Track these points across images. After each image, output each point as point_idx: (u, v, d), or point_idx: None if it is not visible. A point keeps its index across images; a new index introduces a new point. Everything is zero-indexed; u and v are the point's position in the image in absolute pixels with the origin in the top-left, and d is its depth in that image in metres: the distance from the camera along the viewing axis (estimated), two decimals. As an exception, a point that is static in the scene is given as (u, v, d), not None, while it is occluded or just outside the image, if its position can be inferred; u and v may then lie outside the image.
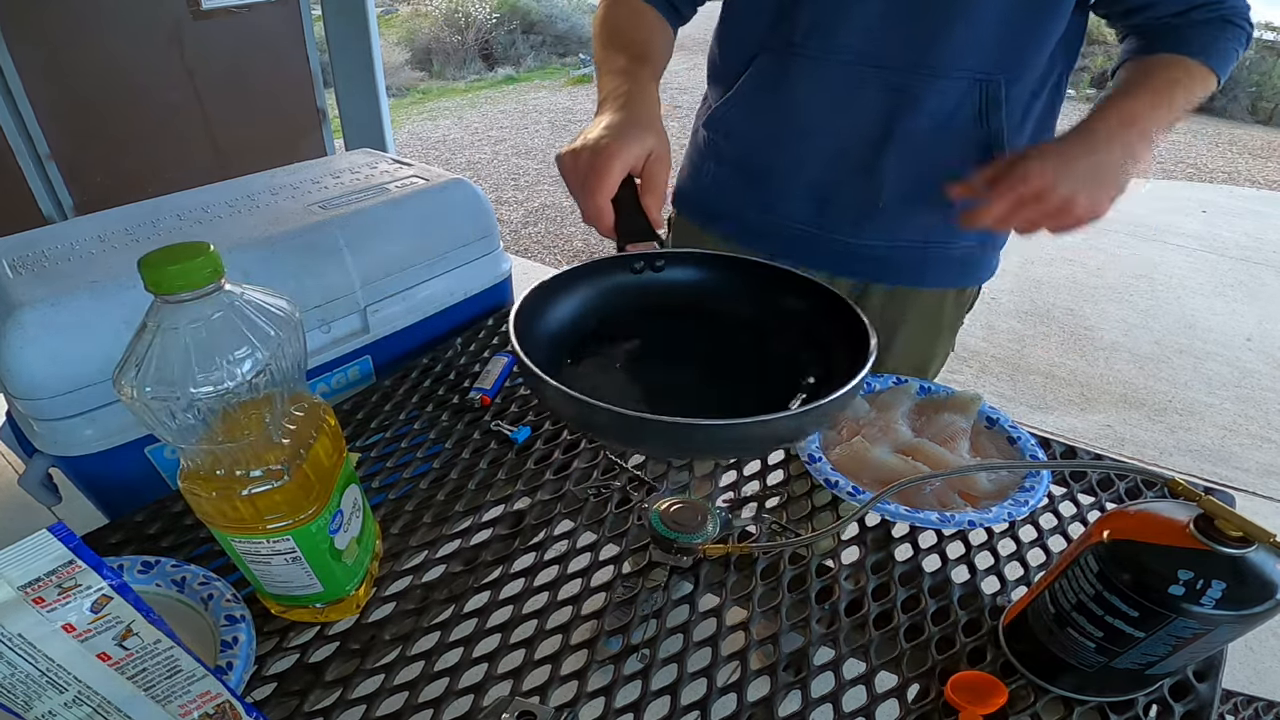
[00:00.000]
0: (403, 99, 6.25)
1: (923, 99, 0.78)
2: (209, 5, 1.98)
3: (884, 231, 0.90)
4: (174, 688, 0.42)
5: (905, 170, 0.84)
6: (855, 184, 0.86)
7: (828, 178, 0.87)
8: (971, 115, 0.79)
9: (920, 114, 0.79)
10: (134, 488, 0.81)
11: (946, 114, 0.79)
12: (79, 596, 0.38)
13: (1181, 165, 5.50)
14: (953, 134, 0.80)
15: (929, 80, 0.77)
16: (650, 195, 0.65)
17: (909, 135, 0.81)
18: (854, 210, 0.89)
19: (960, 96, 0.78)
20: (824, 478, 0.72)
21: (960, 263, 0.94)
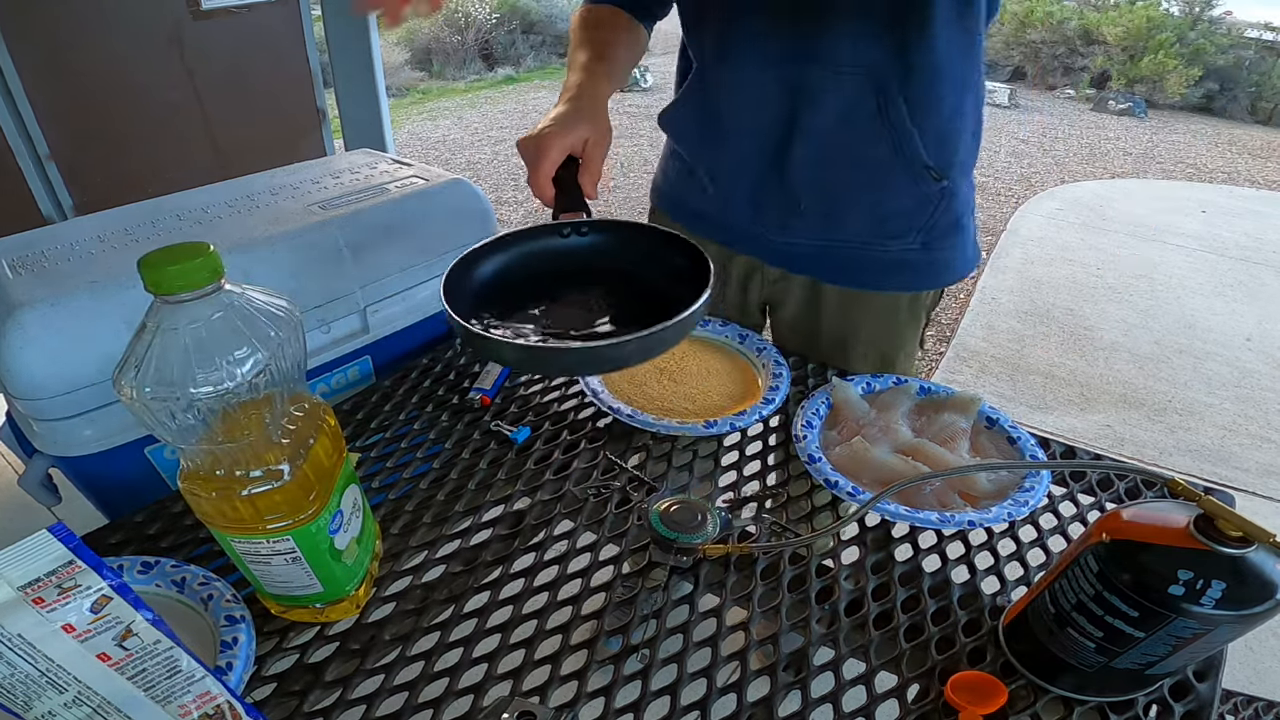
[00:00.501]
0: (403, 99, 6.24)
1: (820, 95, 0.81)
2: (209, 5, 1.98)
3: (811, 231, 0.93)
4: (174, 688, 0.42)
5: (815, 169, 0.86)
6: (775, 184, 0.90)
7: (753, 179, 0.92)
8: (871, 111, 0.80)
9: (820, 111, 0.82)
10: (134, 488, 0.81)
11: (845, 110, 0.81)
12: (79, 597, 0.38)
13: (1181, 165, 5.50)
14: (856, 131, 0.82)
15: (822, 76, 0.80)
16: (585, 174, 0.76)
17: (813, 133, 0.83)
18: (779, 210, 0.92)
19: (855, 92, 0.80)
20: (824, 478, 0.72)
21: (901, 266, 0.93)
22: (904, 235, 0.90)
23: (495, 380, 0.86)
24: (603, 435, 0.81)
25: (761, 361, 0.90)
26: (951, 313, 3.09)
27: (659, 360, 0.89)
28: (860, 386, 0.85)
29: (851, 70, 0.78)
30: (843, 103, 0.81)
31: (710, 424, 0.78)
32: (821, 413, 0.82)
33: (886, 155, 0.83)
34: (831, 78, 0.79)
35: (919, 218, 0.89)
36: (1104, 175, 5.05)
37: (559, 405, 0.85)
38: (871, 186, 0.87)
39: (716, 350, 0.93)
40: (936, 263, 0.93)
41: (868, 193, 0.87)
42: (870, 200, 0.88)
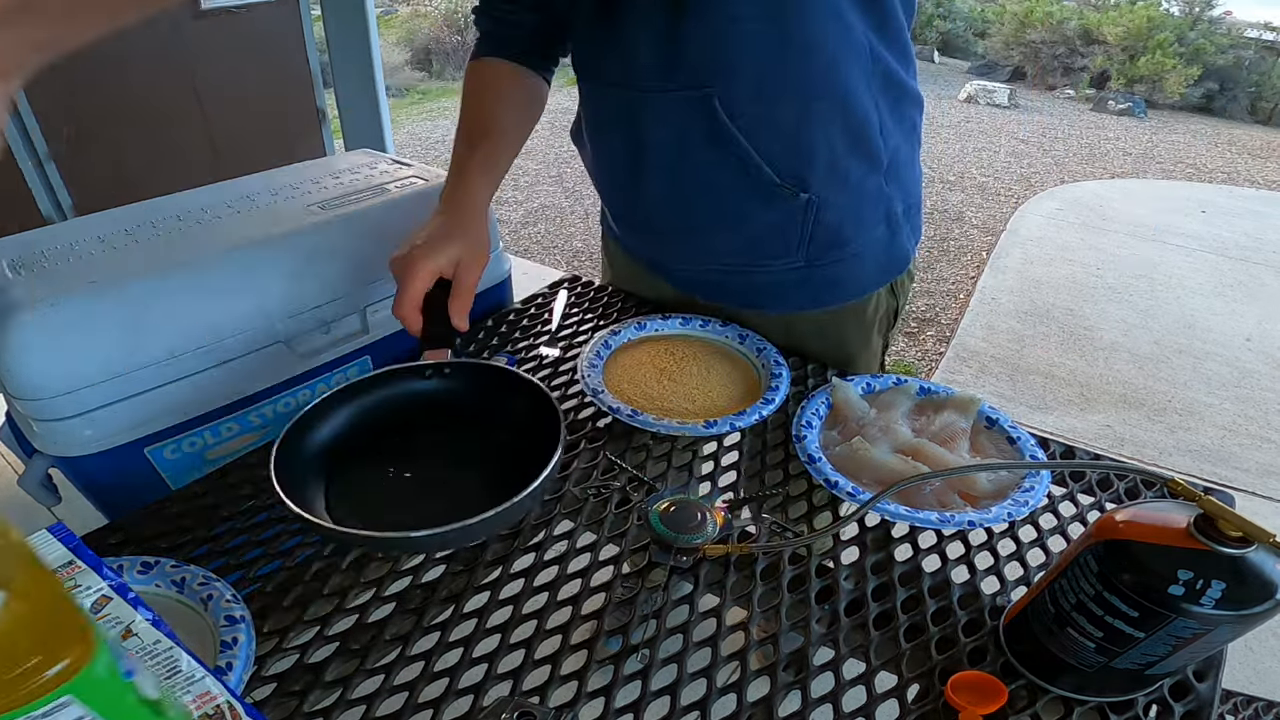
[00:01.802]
0: (402, 99, 6.25)
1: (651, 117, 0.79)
2: (209, 5, 1.98)
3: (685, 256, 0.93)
4: (174, 688, 0.42)
5: (668, 192, 0.85)
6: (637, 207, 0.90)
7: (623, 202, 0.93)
8: (703, 132, 0.77)
9: (655, 132, 0.80)
10: (133, 488, 0.81)
11: (679, 131, 0.78)
12: (79, 597, 0.38)
13: (1181, 165, 5.50)
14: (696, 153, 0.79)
15: (647, 97, 0.78)
16: (455, 301, 0.72)
17: (657, 156, 0.82)
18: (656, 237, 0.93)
19: (683, 115, 0.77)
20: (824, 478, 0.72)
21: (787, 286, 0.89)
22: (784, 255, 0.86)
23: (495, 380, 0.86)
24: (603, 435, 0.81)
25: (761, 361, 0.90)
26: (951, 313, 3.09)
27: (659, 361, 0.89)
28: (860, 386, 0.85)
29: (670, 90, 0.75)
30: (675, 125, 0.78)
31: (710, 424, 0.78)
32: (821, 413, 0.82)
33: (733, 176, 0.79)
34: (659, 98, 0.77)
35: (791, 234, 0.84)
36: (1104, 175, 5.05)
37: (559, 405, 0.85)
38: (728, 208, 0.83)
39: (716, 350, 0.93)
40: (830, 279, 0.88)
41: (727, 214, 0.84)
42: (732, 221, 0.84)
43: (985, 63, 8.28)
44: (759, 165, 0.78)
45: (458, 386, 0.72)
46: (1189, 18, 7.52)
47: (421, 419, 0.70)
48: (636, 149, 0.83)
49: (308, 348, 0.90)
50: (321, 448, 0.64)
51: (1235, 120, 7.07)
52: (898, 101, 0.80)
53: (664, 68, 0.74)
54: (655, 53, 0.74)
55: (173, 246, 0.84)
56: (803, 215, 0.82)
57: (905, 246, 0.91)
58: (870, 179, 0.82)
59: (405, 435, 0.68)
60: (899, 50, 0.77)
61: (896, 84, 0.79)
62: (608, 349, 0.91)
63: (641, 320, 0.95)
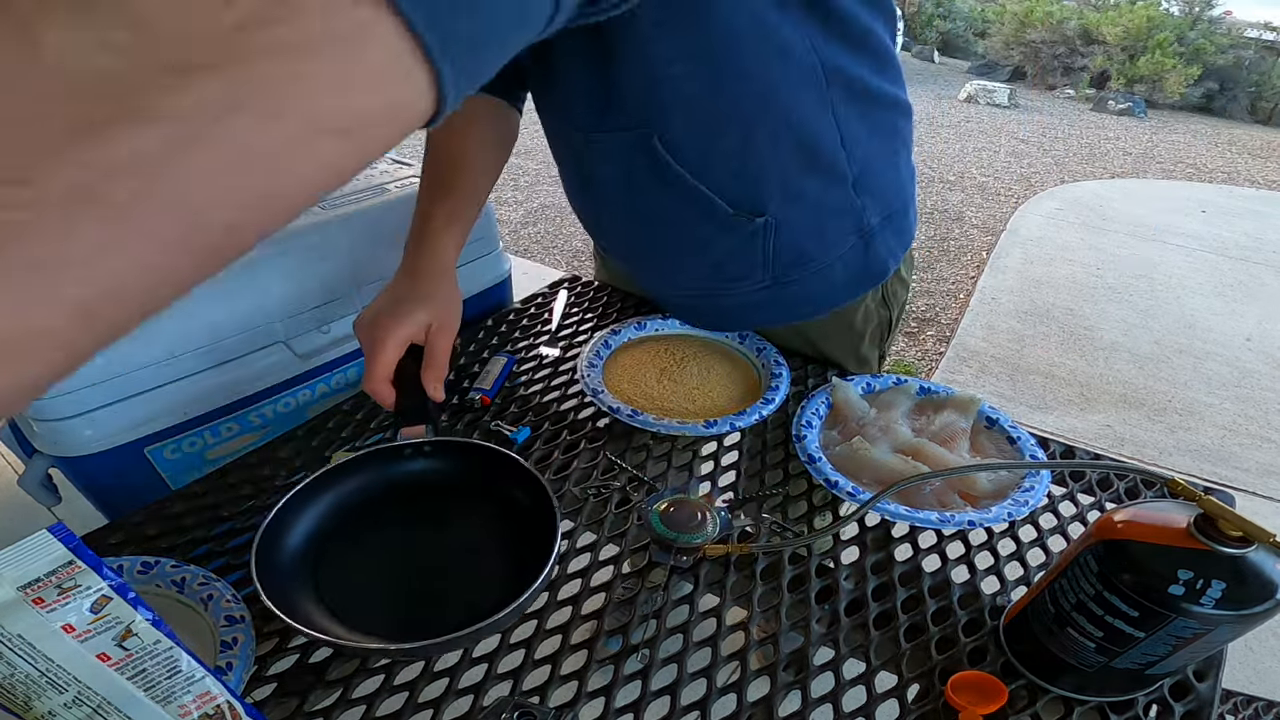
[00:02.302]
0: (402, 99, 6.24)
1: (595, 155, 0.78)
2: (209, 5, 1.98)
3: (651, 282, 0.95)
4: (174, 688, 0.42)
5: (622, 225, 0.86)
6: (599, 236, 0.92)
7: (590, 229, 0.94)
8: (646, 167, 0.74)
9: (602, 169, 0.79)
10: (134, 488, 0.81)
11: (624, 168, 0.77)
12: (79, 597, 0.38)
13: (1181, 165, 5.51)
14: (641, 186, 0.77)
15: (589, 135, 0.76)
16: (429, 369, 0.68)
17: (605, 191, 0.82)
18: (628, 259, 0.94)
19: (624, 149, 0.74)
20: (824, 478, 0.72)
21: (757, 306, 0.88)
22: (747, 276, 0.84)
23: (495, 380, 0.86)
24: (603, 435, 0.81)
25: (761, 361, 0.90)
26: (951, 312, 3.09)
27: (659, 360, 0.89)
28: (860, 386, 0.85)
29: (608, 130, 0.73)
30: (620, 163, 0.76)
31: (710, 424, 0.78)
32: (821, 413, 0.82)
33: (684, 208, 0.77)
34: (601, 137, 0.75)
35: (751, 256, 0.81)
36: (1104, 175, 5.05)
37: (559, 405, 0.85)
38: (684, 237, 0.82)
39: (716, 350, 0.93)
40: (808, 296, 0.87)
41: (684, 243, 0.83)
42: (690, 248, 0.83)
43: (985, 63, 8.28)
44: (709, 198, 0.75)
45: (442, 465, 0.68)
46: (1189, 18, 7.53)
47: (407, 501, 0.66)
48: (586, 184, 0.83)
49: (308, 348, 0.90)
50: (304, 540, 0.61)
51: (1235, 120, 7.07)
52: (868, 110, 0.76)
53: (600, 110, 0.72)
54: (590, 96, 0.71)
55: (173, 246, 0.84)
56: (762, 237, 0.79)
57: (882, 256, 0.86)
58: (832, 193, 0.78)
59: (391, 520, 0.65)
60: (867, 56, 0.72)
61: (864, 92, 0.74)
62: (608, 348, 0.91)
63: (641, 320, 0.95)
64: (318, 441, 0.78)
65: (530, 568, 0.57)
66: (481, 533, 0.65)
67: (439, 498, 0.67)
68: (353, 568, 0.61)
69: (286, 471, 0.74)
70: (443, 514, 0.67)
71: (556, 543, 0.58)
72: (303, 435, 0.79)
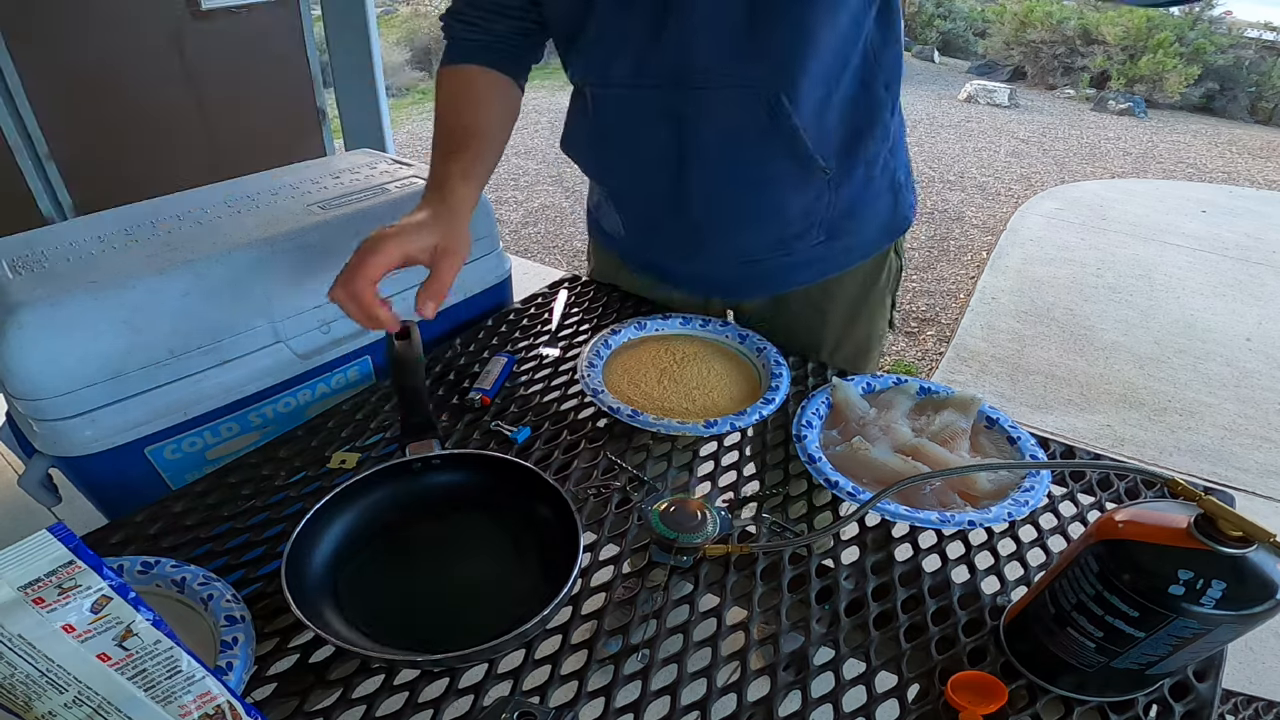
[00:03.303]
0: (403, 99, 6.24)
1: (702, 116, 0.77)
2: (209, 5, 1.98)
3: (713, 258, 0.92)
4: (174, 688, 0.42)
5: (712, 193, 0.84)
6: (673, 216, 0.88)
7: (651, 212, 0.90)
8: (761, 127, 0.77)
9: (702, 130, 0.78)
10: (134, 488, 0.81)
11: (734, 127, 0.78)
12: (79, 597, 0.38)
13: (1181, 165, 5.50)
14: (747, 150, 0.79)
15: (701, 96, 0.76)
16: (427, 287, 0.66)
17: (702, 157, 0.80)
18: (680, 240, 0.91)
19: (740, 107, 0.76)
20: (824, 478, 0.72)
21: (810, 263, 0.92)
22: (806, 234, 0.89)
23: (495, 380, 0.86)
24: (603, 435, 0.81)
25: (761, 361, 0.90)
26: (951, 313, 3.09)
27: (660, 360, 0.89)
28: (860, 386, 0.85)
29: (733, 88, 0.75)
30: (730, 121, 0.77)
31: (710, 424, 0.78)
32: (821, 413, 0.82)
33: (782, 163, 0.80)
34: (712, 97, 0.76)
35: (815, 214, 0.87)
36: (1104, 175, 5.05)
37: (559, 405, 0.85)
38: (771, 199, 0.84)
39: (716, 350, 0.93)
40: (852, 247, 0.93)
41: (768, 206, 0.85)
42: (770, 211, 0.86)
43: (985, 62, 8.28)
44: (810, 155, 0.80)
45: (455, 477, 0.69)
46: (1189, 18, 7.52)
47: (423, 514, 0.67)
48: (679, 149, 0.81)
49: (308, 348, 0.90)
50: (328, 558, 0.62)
51: (1235, 120, 7.06)
52: (896, 77, 0.83)
53: (730, 66, 0.74)
54: (722, 52, 0.73)
55: (173, 246, 0.84)
56: (829, 194, 0.85)
57: (904, 210, 0.95)
58: (881, 150, 0.86)
59: (409, 536, 0.66)
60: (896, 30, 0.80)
61: (897, 60, 0.82)
62: (608, 348, 0.91)
63: (641, 320, 0.95)
64: (318, 441, 0.78)
65: (550, 578, 0.58)
66: (501, 545, 0.66)
67: (456, 511, 0.68)
68: (372, 583, 0.62)
69: (286, 472, 0.74)
70: (461, 528, 0.67)
71: (579, 555, 0.58)
72: (303, 435, 0.79)
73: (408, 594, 0.61)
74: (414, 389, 0.69)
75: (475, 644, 0.52)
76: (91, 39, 1.82)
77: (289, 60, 2.23)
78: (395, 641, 0.56)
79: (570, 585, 0.57)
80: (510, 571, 0.63)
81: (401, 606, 0.60)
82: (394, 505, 0.67)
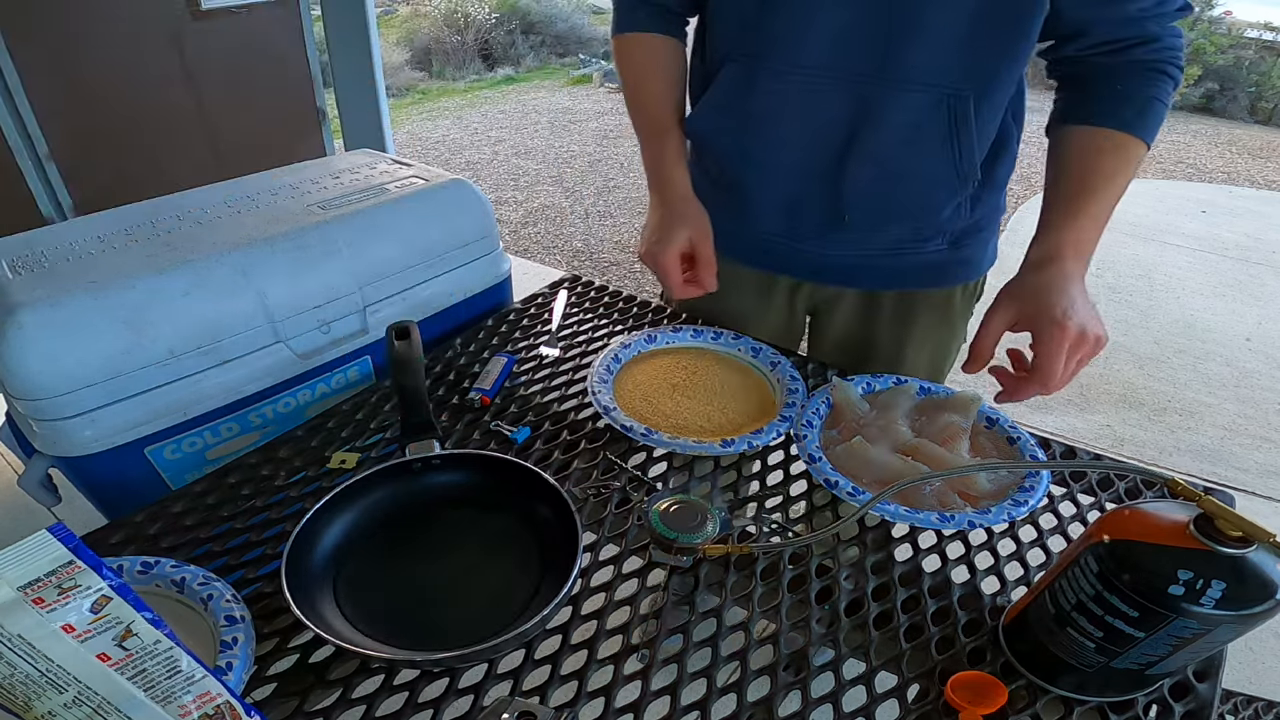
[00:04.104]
0: (402, 99, 6.24)
1: (886, 111, 0.78)
2: (209, 5, 1.98)
3: (852, 244, 0.91)
4: (174, 688, 0.42)
5: (869, 183, 0.83)
6: (820, 196, 0.87)
7: (794, 189, 0.88)
8: (942, 131, 0.78)
9: (884, 126, 0.79)
10: (134, 488, 0.81)
11: (912, 127, 0.78)
12: (79, 597, 0.38)
13: (1181, 165, 5.50)
14: (919, 148, 0.80)
15: (892, 92, 0.76)
16: (701, 265, 0.85)
17: (872, 147, 0.80)
18: (820, 222, 0.89)
19: (927, 110, 0.77)
20: (824, 478, 0.72)
21: (930, 266, 0.93)
22: (935, 237, 0.90)
23: (495, 380, 0.86)
24: (603, 435, 0.81)
25: (776, 376, 0.89)
26: (951, 313, 3.09)
27: (671, 376, 0.88)
28: (860, 386, 0.85)
29: (927, 88, 0.76)
30: (911, 121, 0.78)
31: (727, 443, 0.77)
32: (822, 413, 0.82)
33: (945, 166, 0.81)
34: (905, 95, 0.76)
35: (951, 221, 0.89)
36: (1104, 175, 5.03)
37: (559, 405, 0.85)
38: (922, 199, 0.85)
39: (730, 365, 0.92)
40: (968, 260, 0.94)
41: (917, 203, 0.86)
42: (917, 209, 0.87)
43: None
44: (974, 162, 0.81)
45: (455, 477, 0.69)
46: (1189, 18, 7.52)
47: (423, 514, 0.68)
48: (849, 137, 0.81)
49: (308, 348, 0.90)
50: (327, 558, 0.63)
51: (1235, 120, 7.06)
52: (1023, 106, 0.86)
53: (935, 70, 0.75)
54: (933, 56, 0.74)
55: (173, 246, 0.84)
56: (969, 204, 0.87)
57: (996, 244, 0.98)
58: (1007, 175, 0.90)
59: (409, 535, 0.66)
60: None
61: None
62: (618, 363, 0.89)
63: (651, 333, 0.94)
64: (318, 441, 0.78)
65: (550, 578, 0.58)
66: (501, 545, 0.66)
67: (456, 511, 0.68)
68: (372, 583, 0.62)
69: (287, 472, 0.74)
70: (461, 528, 0.67)
71: (579, 555, 0.59)
72: (303, 435, 0.79)
73: (407, 594, 0.61)
74: (414, 389, 0.69)
75: (475, 644, 0.52)
76: (91, 39, 1.82)
77: (289, 60, 2.23)
78: (395, 641, 0.56)
79: (570, 585, 0.57)
80: (510, 571, 0.63)
81: (401, 606, 0.60)
82: (394, 505, 0.67)
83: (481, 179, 4.40)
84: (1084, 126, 0.76)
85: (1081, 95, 0.78)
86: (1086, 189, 0.75)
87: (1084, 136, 0.76)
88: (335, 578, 0.62)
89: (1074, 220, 0.74)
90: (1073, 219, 0.74)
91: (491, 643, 0.53)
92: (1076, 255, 0.73)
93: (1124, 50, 0.74)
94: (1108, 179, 0.75)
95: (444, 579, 0.63)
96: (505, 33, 7.57)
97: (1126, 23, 0.73)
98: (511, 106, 6.05)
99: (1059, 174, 0.77)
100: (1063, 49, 0.78)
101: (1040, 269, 0.73)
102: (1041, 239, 0.75)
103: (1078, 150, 0.76)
